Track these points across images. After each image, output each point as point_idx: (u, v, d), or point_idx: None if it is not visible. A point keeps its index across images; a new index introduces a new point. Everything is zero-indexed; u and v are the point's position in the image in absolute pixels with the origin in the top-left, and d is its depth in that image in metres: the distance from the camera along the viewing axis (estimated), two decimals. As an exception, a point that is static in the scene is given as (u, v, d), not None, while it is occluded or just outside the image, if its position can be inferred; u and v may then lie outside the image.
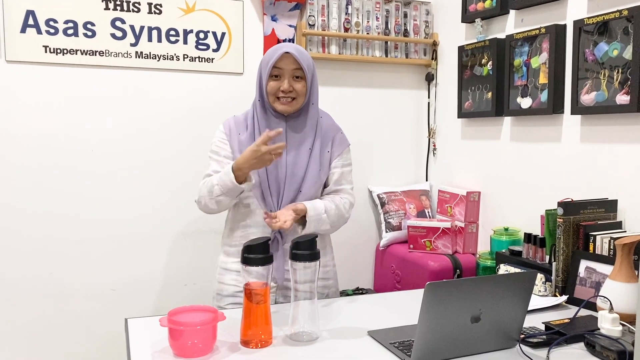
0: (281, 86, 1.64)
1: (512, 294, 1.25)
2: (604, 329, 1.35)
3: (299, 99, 1.68)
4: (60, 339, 2.36)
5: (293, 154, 1.70)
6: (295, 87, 1.66)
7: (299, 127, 1.71)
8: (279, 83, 1.65)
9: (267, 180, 1.68)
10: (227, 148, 1.72)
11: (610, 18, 1.85)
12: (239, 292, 1.72)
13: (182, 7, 2.44)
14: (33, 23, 2.23)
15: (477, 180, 2.57)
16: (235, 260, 1.73)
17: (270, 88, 1.66)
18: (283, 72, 1.65)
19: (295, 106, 1.68)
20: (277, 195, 1.69)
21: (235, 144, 1.72)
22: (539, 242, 1.94)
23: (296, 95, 1.66)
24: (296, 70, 1.65)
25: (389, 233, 2.72)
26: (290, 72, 1.65)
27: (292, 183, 1.68)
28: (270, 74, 1.65)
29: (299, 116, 1.72)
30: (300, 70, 1.65)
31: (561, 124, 2.11)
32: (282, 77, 1.65)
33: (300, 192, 1.69)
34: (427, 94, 2.91)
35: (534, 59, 2.18)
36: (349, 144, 1.84)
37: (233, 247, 1.75)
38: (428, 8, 2.82)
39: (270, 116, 1.71)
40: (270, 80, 1.66)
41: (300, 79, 1.67)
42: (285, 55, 1.63)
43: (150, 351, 1.28)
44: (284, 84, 1.64)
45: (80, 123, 2.34)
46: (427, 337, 1.19)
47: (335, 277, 1.85)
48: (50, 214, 2.32)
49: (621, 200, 1.87)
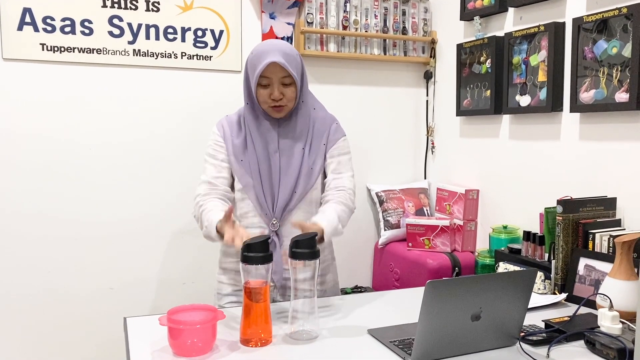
0: (271, 94, 1.61)
1: (512, 292, 1.24)
2: (604, 326, 1.35)
3: (290, 104, 1.65)
4: (59, 338, 2.36)
5: (286, 156, 1.67)
6: (285, 94, 1.62)
7: (290, 130, 1.69)
8: (268, 91, 1.62)
9: (260, 184, 1.66)
10: (223, 151, 1.70)
11: (610, 16, 1.85)
12: (238, 290, 1.71)
13: (180, 5, 2.43)
14: (30, 21, 2.22)
15: (476, 178, 2.57)
16: (233, 260, 1.73)
17: (260, 96, 1.63)
18: (271, 80, 1.61)
19: (287, 110, 1.66)
20: (271, 197, 1.67)
21: (230, 147, 1.70)
22: (538, 240, 1.94)
23: (286, 102, 1.64)
24: (285, 78, 1.61)
25: (387, 231, 2.71)
26: (278, 79, 1.61)
27: (285, 185, 1.66)
28: (258, 83, 1.62)
29: (291, 118, 1.69)
30: (288, 77, 1.61)
31: (560, 122, 2.11)
32: (271, 85, 1.61)
33: (295, 193, 1.67)
34: (425, 92, 2.91)
35: (532, 56, 2.18)
36: (345, 134, 1.79)
37: (230, 246, 1.71)
38: (426, 6, 2.82)
39: (262, 120, 1.68)
40: (259, 89, 1.63)
41: (290, 85, 1.63)
42: (272, 64, 1.59)
43: (150, 350, 1.27)
44: (274, 92, 1.60)
45: (77, 121, 2.34)
46: (427, 335, 1.19)
47: (334, 272, 1.83)
48: (47, 212, 2.31)
49: (620, 198, 1.87)
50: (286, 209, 1.67)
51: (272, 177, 1.67)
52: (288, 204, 1.67)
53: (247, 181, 1.67)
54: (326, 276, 1.79)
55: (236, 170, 1.68)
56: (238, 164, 1.68)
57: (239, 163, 1.67)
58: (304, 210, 1.69)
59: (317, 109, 1.76)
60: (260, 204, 1.67)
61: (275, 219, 1.66)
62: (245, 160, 1.67)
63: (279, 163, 1.68)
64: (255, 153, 1.66)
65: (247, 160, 1.67)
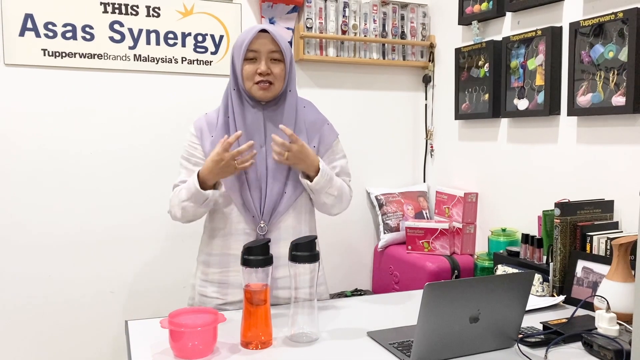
0: (258, 68, 1.50)
1: (510, 294, 1.26)
2: (601, 328, 1.36)
3: (277, 84, 1.53)
4: (60, 342, 2.36)
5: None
6: (273, 70, 1.51)
7: (277, 117, 1.56)
8: (255, 66, 1.51)
9: (247, 185, 1.54)
10: (198, 154, 1.59)
11: (606, 20, 1.87)
12: (223, 304, 1.59)
13: (180, 10, 2.45)
14: (32, 26, 2.23)
15: (475, 182, 2.58)
16: (217, 271, 1.59)
17: (246, 72, 1.51)
18: (259, 54, 1.50)
19: (274, 91, 1.54)
20: (258, 198, 1.55)
21: (208, 145, 1.57)
22: (537, 243, 1.95)
23: (274, 80, 1.52)
24: (273, 53, 1.51)
25: (387, 234, 2.72)
26: (266, 53, 1.50)
27: (274, 185, 1.55)
28: (245, 57, 1.51)
29: (277, 104, 1.57)
30: (278, 52, 1.51)
31: (557, 126, 2.12)
32: (259, 59, 1.50)
33: (285, 194, 1.56)
34: (424, 96, 2.92)
35: (530, 60, 2.19)
36: (338, 134, 1.69)
37: (214, 256, 1.60)
38: (425, 10, 2.84)
39: (247, 106, 1.55)
40: (245, 64, 1.51)
41: (278, 62, 1.52)
42: (260, 35, 1.49)
43: (151, 353, 1.28)
44: (262, 66, 1.49)
45: (78, 126, 2.35)
46: (426, 337, 1.20)
47: (325, 283, 1.73)
48: (49, 216, 2.32)
49: (617, 200, 1.89)
50: (275, 212, 1.56)
51: (258, 175, 1.55)
52: (277, 206, 1.56)
53: (232, 182, 1.54)
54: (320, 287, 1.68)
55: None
56: None
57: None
58: (294, 216, 1.59)
59: (308, 106, 1.66)
60: (246, 207, 1.55)
61: (263, 222, 1.55)
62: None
63: (266, 160, 1.56)
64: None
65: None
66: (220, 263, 1.59)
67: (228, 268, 1.59)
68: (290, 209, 1.59)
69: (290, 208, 1.59)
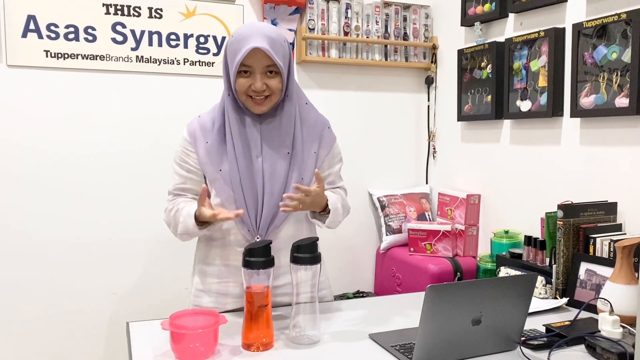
0: (252, 84, 1.40)
1: (513, 297, 1.25)
2: (605, 331, 1.35)
3: (274, 97, 1.44)
4: (62, 343, 2.36)
5: (270, 162, 1.47)
6: (270, 84, 1.41)
7: (274, 130, 1.48)
8: (249, 80, 1.40)
9: (243, 197, 1.46)
10: (191, 161, 1.51)
11: (609, 21, 1.86)
12: (221, 312, 1.55)
13: (183, 12, 2.45)
14: (34, 28, 2.24)
15: (477, 183, 2.58)
16: (216, 281, 1.55)
17: (239, 85, 1.41)
18: (253, 69, 1.40)
19: (271, 104, 1.45)
20: (254, 212, 1.48)
21: (202, 150, 1.49)
22: (539, 245, 1.94)
23: (270, 93, 1.43)
24: (269, 67, 1.40)
25: (389, 236, 2.72)
26: (261, 68, 1.40)
27: (271, 198, 1.48)
28: (239, 70, 1.41)
29: (275, 115, 1.48)
30: (273, 66, 1.40)
31: (560, 127, 2.11)
32: (253, 74, 1.40)
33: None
34: (426, 97, 2.92)
35: (533, 62, 2.19)
36: (335, 137, 1.61)
37: (210, 266, 1.56)
38: (427, 12, 2.83)
39: (244, 116, 1.47)
40: (239, 77, 1.41)
41: (275, 74, 1.42)
42: (254, 51, 1.37)
43: (152, 354, 1.28)
44: (256, 83, 1.39)
45: (81, 127, 2.35)
46: (429, 339, 1.19)
47: (328, 287, 1.69)
48: (51, 218, 2.32)
49: (621, 202, 1.88)
50: (272, 225, 1.49)
51: (255, 189, 1.47)
52: (274, 219, 1.49)
53: (228, 194, 1.47)
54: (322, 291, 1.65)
55: (213, 181, 1.48)
56: (216, 174, 1.47)
57: (217, 173, 1.47)
58: (294, 225, 1.54)
59: (309, 106, 1.57)
60: (242, 219, 1.47)
61: (259, 237, 1.49)
62: (224, 170, 1.46)
63: (262, 170, 1.48)
64: (236, 159, 1.45)
65: (226, 169, 1.46)
66: (219, 274, 1.55)
67: (228, 279, 1.55)
68: (290, 219, 1.54)
69: (290, 218, 1.53)
